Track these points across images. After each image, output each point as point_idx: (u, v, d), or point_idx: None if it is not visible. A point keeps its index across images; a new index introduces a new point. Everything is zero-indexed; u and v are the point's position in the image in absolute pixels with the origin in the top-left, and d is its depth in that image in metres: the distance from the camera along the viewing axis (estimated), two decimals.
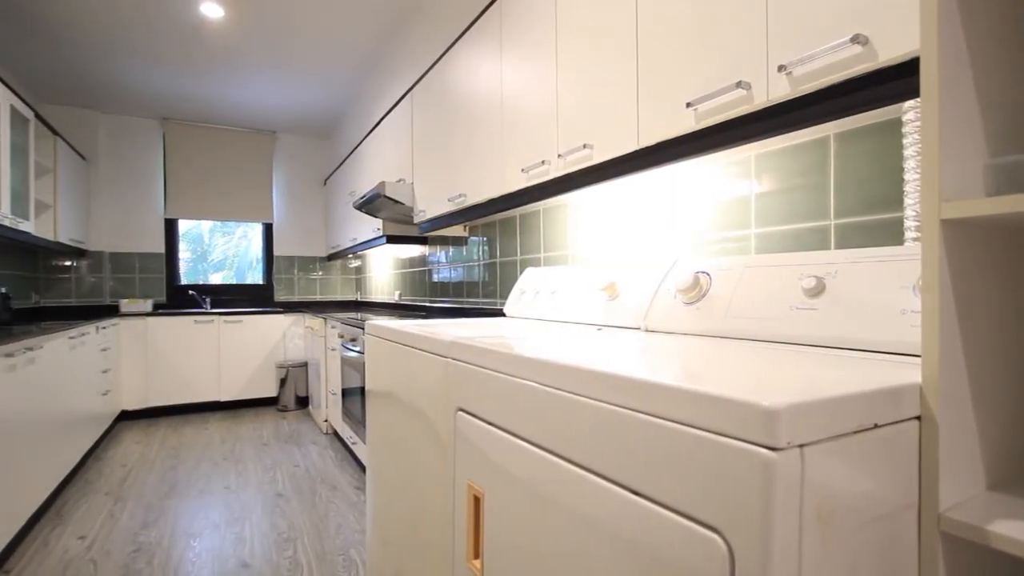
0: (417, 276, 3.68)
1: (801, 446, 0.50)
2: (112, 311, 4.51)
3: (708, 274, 1.21)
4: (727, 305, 1.11)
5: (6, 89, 2.85)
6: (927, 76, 0.59)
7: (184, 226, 5.11)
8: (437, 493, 1.14)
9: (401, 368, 1.38)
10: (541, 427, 0.78)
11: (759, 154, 1.30)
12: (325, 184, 5.44)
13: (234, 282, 5.33)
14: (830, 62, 0.88)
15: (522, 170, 1.73)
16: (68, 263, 4.55)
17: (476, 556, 0.95)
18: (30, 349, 2.28)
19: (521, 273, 2.31)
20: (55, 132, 3.74)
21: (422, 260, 3.57)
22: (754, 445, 0.49)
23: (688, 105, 1.12)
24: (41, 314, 4.35)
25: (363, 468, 2.97)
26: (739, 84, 1.01)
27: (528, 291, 1.88)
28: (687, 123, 1.14)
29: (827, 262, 0.98)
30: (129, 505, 2.58)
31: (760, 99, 0.99)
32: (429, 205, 2.59)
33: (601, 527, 0.66)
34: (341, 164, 4.61)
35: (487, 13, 1.99)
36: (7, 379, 2.05)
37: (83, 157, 4.45)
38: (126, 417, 4.28)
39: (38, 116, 3.40)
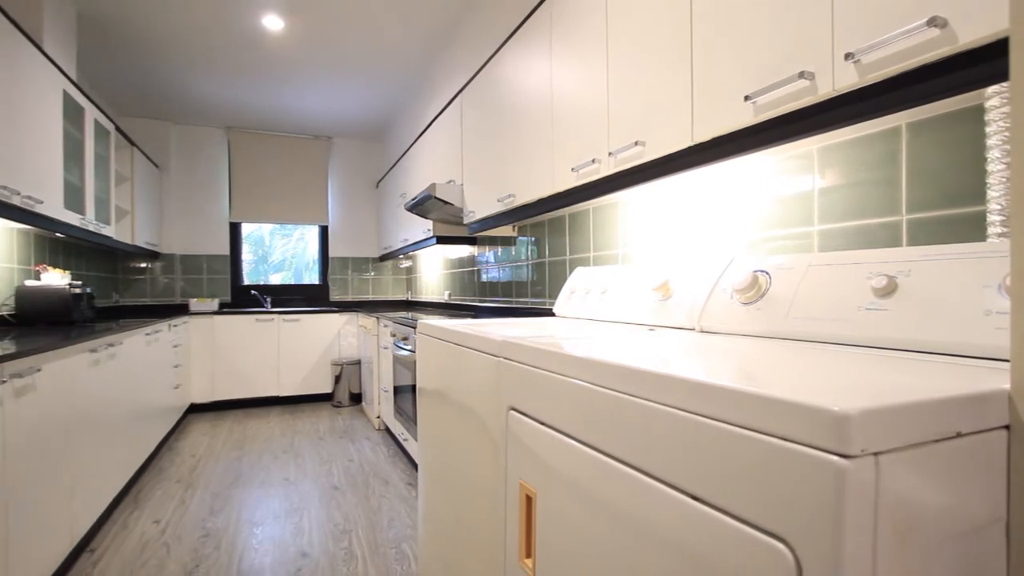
0: (466, 276, 3.72)
1: (876, 454, 0.47)
2: (182, 310, 4.79)
3: (767, 273, 1.16)
4: (788, 305, 1.07)
5: (90, 104, 3.08)
6: (1018, 58, 0.55)
7: (247, 229, 5.38)
8: (488, 491, 1.15)
9: (452, 367, 1.40)
10: (595, 428, 0.78)
11: (822, 147, 1.24)
12: (377, 187, 5.59)
13: (292, 282, 5.57)
14: (903, 48, 0.83)
15: (572, 169, 1.72)
16: (144, 265, 4.87)
17: (528, 555, 0.96)
18: (111, 345, 2.46)
19: (570, 273, 2.30)
20: (132, 143, 4.02)
21: (471, 260, 3.62)
22: (825, 452, 0.47)
23: (746, 98, 1.08)
24: (120, 312, 4.68)
25: (414, 464, 3.03)
26: (802, 75, 0.97)
27: (578, 291, 1.87)
28: (745, 117, 1.11)
29: (899, 260, 0.92)
30: (198, 493, 2.74)
31: (825, 89, 0.95)
32: (478, 206, 2.62)
33: (658, 532, 0.65)
34: (392, 167, 4.73)
35: (537, 12, 2.00)
36: (92, 373, 2.21)
37: (156, 165, 4.75)
38: (195, 410, 4.54)
39: (118, 128, 3.66)
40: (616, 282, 1.69)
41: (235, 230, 5.24)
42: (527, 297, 2.76)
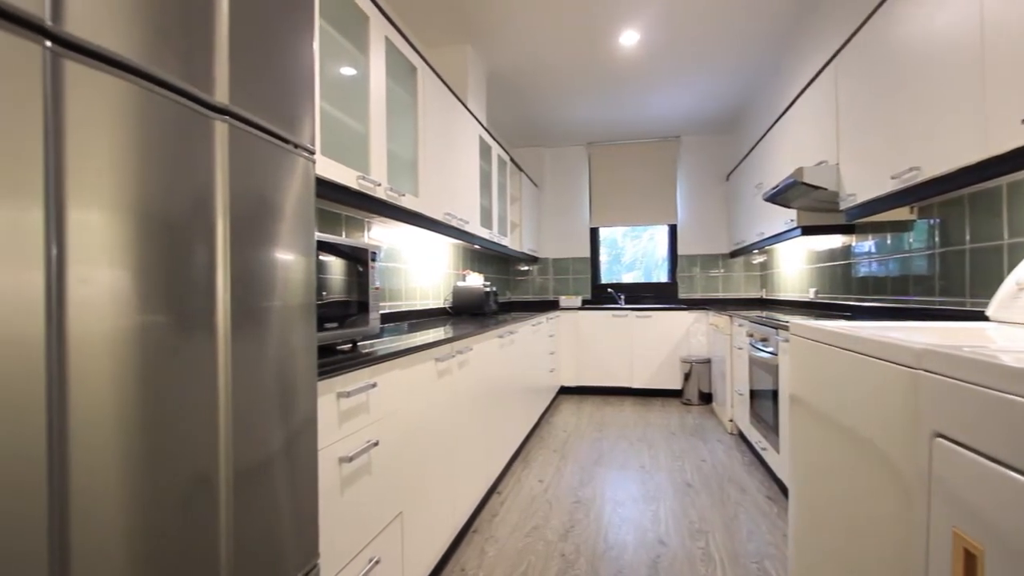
0: (837, 271, 3.19)
1: None
2: (554, 305, 5.62)
3: None
4: None
5: (495, 142, 3.92)
6: None
7: (603, 233, 5.93)
8: (891, 532, 0.95)
9: (835, 376, 1.21)
10: None
11: None
12: (727, 180, 5.35)
13: (642, 281, 5.86)
14: None
15: (1022, 121, 1.26)
16: (526, 268, 5.93)
17: None
18: (511, 333, 3.07)
19: (1009, 263, 1.70)
20: (520, 169, 4.93)
21: (844, 252, 3.08)
22: None
23: None
24: (511, 307, 5.82)
25: (773, 476, 2.77)
26: None
27: None
28: None
29: None
30: (569, 464, 3.16)
31: None
32: (860, 187, 2.20)
33: None
34: (744, 158, 4.44)
35: None
36: (499, 353, 2.81)
37: (535, 184, 5.71)
38: (563, 392, 5.27)
39: (511, 159, 4.55)
40: None
41: (594, 234, 5.85)
42: (930, 295, 2.17)
